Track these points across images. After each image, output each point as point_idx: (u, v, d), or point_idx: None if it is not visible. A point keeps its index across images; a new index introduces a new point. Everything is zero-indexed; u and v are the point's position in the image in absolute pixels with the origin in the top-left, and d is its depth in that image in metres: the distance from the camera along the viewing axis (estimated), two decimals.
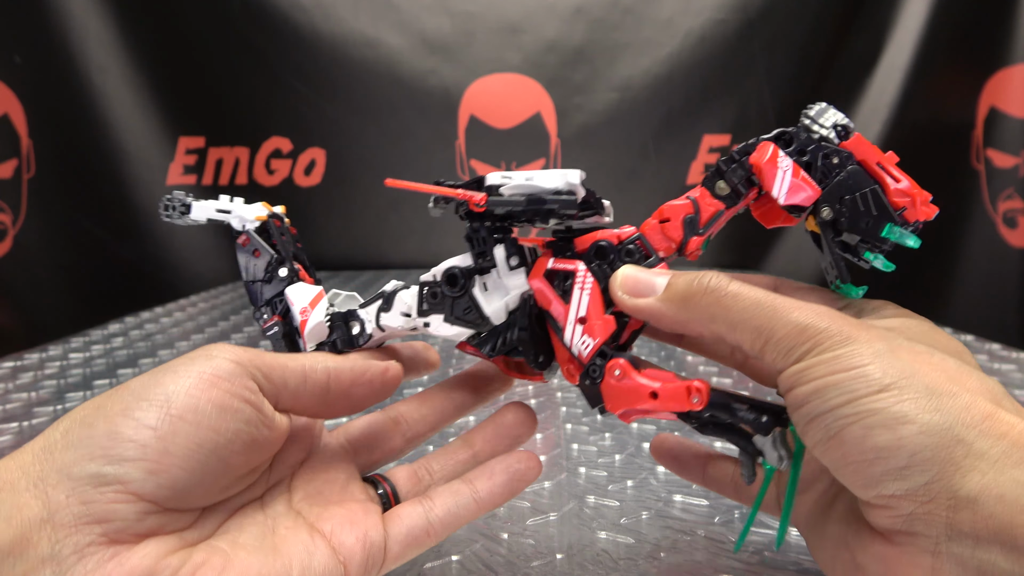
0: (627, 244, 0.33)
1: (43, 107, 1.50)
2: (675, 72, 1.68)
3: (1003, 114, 1.51)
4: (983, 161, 1.52)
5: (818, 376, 0.26)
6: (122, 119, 1.61)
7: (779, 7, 1.64)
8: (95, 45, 1.55)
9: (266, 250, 0.40)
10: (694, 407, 0.29)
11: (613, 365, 0.31)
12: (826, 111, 0.32)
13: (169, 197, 0.40)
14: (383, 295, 0.37)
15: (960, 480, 0.23)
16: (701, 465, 0.38)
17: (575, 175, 0.31)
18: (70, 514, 0.25)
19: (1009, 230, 1.51)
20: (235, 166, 1.73)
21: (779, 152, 0.31)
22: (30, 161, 1.48)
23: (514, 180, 0.32)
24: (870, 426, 0.24)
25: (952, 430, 0.24)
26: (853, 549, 0.28)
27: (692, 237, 0.32)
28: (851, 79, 1.66)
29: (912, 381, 0.25)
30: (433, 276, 0.35)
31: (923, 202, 0.30)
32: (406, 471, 0.36)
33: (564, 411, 0.64)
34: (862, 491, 0.25)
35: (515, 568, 0.38)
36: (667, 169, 1.73)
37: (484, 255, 0.34)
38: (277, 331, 0.39)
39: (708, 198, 0.32)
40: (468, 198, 0.32)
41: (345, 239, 1.75)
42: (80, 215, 1.57)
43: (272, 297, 0.40)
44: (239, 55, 1.66)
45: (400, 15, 1.66)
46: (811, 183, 0.31)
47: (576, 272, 0.32)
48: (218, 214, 0.41)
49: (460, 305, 0.34)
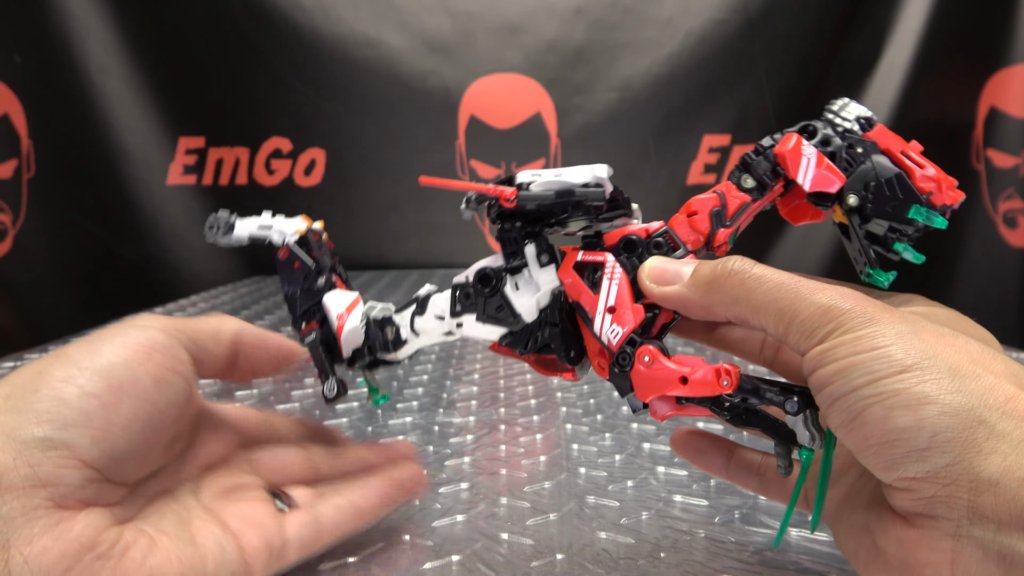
0: (655, 237, 0.33)
1: (43, 107, 1.50)
2: (675, 72, 1.68)
3: (1003, 114, 1.51)
4: (983, 161, 1.52)
5: (840, 357, 0.26)
6: (122, 119, 1.61)
7: (779, 7, 1.64)
8: (95, 45, 1.55)
9: (305, 262, 0.41)
10: (724, 390, 0.29)
11: (643, 352, 0.31)
12: (848, 104, 0.32)
13: (215, 216, 0.41)
14: (417, 299, 0.38)
15: (982, 462, 0.23)
16: (724, 457, 0.37)
17: (603, 169, 0.33)
18: (17, 476, 0.25)
19: (1009, 230, 1.51)
20: (235, 166, 1.73)
21: (803, 141, 0.31)
22: (30, 161, 1.49)
23: (543, 177, 0.33)
24: (891, 407, 0.24)
25: (974, 411, 0.23)
26: (874, 533, 0.27)
27: (720, 229, 0.33)
28: (851, 79, 1.66)
29: (935, 362, 0.25)
30: (466, 277, 0.36)
31: (949, 187, 0.30)
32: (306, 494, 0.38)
33: (564, 411, 0.64)
34: (884, 473, 0.25)
35: (515, 568, 0.38)
36: (667, 169, 1.73)
37: (515, 254, 0.35)
38: (315, 338, 0.40)
39: (734, 191, 0.33)
40: (499, 193, 0.33)
41: (345, 239, 1.75)
42: (80, 215, 1.57)
43: (310, 306, 0.40)
44: (239, 55, 1.66)
45: (400, 15, 1.66)
46: (836, 171, 0.31)
47: (605, 263, 0.33)
48: (260, 230, 0.42)
49: (492, 304, 0.35)
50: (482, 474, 0.51)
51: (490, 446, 0.56)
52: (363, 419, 0.63)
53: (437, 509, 0.45)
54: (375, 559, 0.39)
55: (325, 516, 0.36)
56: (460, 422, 0.62)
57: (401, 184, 1.73)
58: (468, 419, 0.63)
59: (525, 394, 0.69)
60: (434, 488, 0.48)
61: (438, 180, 0.33)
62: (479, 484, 0.49)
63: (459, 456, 0.54)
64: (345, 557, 0.39)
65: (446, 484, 0.49)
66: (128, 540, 0.28)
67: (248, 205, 1.72)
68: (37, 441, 0.26)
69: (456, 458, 0.54)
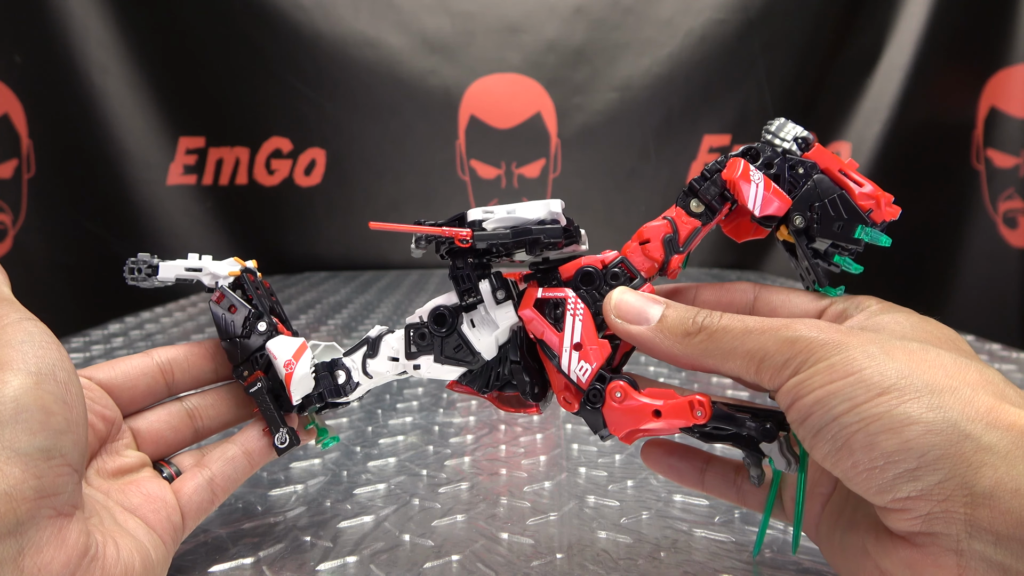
0: (611, 268, 0.33)
1: (43, 107, 1.50)
2: (675, 72, 1.68)
3: (1003, 114, 1.51)
4: (983, 161, 1.52)
5: (817, 386, 0.26)
6: (122, 119, 1.61)
7: (779, 7, 1.65)
8: (95, 45, 1.55)
9: (242, 305, 0.39)
10: (698, 421, 0.30)
11: (614, 388, 0.31)
12: (785, 125, 0.33)
13: (134, 260, 0.40)
14: (367, 341, 0.37)
15: (973, 476, 0.23)
16: (699, 470, 0.36)
17: (556, 204, 0.32)
18: (29, 488, 0.26)
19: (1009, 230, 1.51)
20: (235, 166, 1.73)
21: (750, 167, 0.32)
22: (30, 161, 1.48)
23: (496, 214, 0.33)
24: (875, 432, 0.24)
25: (958, 426, 0.23)
26: (876, 556, 0.27)
27: (673, 256, 0.33)
28: (851, 79, 1.66)
29: (911, 381, 0.25)
30: (419, 317, 0.35)
31: (887, 203, 0.31)
32: (193, 456, 0.38)
33: (564, 411, 0.64)
34: (877, 497, 0.25)
35: (515, 568, 0.38)
36: (667, 169, 1.73)
37: (470, 292, 0.35)
38: (260, 387, 0.38)
39: (684, 217, 0.33)
40: (454, 235, 0.33)
41: (345, 239, 1.75)
42: (80, 215, 1.57)
43: (252, 352, 0.38)
44: (239, 55, 1.65)
45: (400, 15, 1.66)
46: (782, 194, 0.32)
47: (567, 299, 0.33)
48: (187, 272, 0.40)
49: (450, 344, 0.35)
50: (482, 474, 0.51)
51: (490, 446, 0.56)
52: (363, 419, 0.63)
53: (437, 509, 0.45)
54: (375, 559, 0.39)
55: (217, 472, 0.37)
56: (460, 422, 0.62)
57: (401, 184, 1.73)
58: (468, 419, 0.63)
59: None
60: (434, 488, 0.48)
61: (389, 225, 0.33)
62: (479, 484, 0.49)
63: (459, 456, 0.54)
64: (345, 557, 0.39)
65: (446, 484, 0.49)
66: (99, 540, 0.29)
67: (248, 205, 1.72)
68: (37, 451, 0.26)
69: (456, 458, 0.54)
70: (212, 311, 0.39)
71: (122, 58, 1.59)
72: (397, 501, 0.46)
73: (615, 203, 1.74)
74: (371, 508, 0.45)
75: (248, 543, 0.41)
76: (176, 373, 0.39)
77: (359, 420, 0.62)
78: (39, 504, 0.26)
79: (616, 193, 1.73)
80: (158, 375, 0.38)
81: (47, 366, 0.28)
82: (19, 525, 0.26)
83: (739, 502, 0.36)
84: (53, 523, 0.27)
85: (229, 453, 0.37)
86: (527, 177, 1.73)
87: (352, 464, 0.53)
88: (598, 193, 1.74)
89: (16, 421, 0.26)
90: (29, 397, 0.27)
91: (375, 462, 0.53)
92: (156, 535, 0.33)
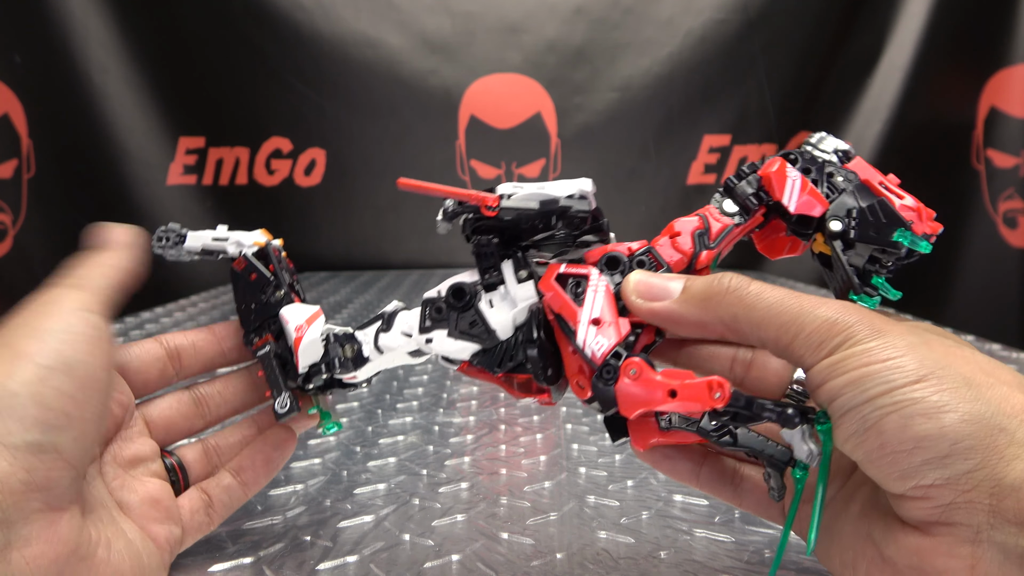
0: (638, 255, 0.33)
1: (43, 107, 1.50)
2: (675, 72, 1.68)
3: (1003, 114, 1.51)
4: (983, 161, 1.52)
5: (852, 368, 0.26)
6: (122, 119, 1.61)
7: (779, 7, 1.64)
8: (95, 45, 1.55)
9: (263, 273, 0.39)
10: (716, 404, 0.28)
11: (628, 364, 0.29)
12: (826, 138, 0.33)
13: (164, 229, 0.40)
14: (382, 316, 0.36)
15: (1004, 468, 0.23)
16: (695, 462, 0.35)
17: (587, 183, 0.32)
18: (17, 481, 0.26)
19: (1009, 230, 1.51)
20: (235, 166, 1.73)
21: (787, 164, 0.32)
22: (30, 161, 1.48)
23: (525, 189, 0.32)
24: (910, 415, 0.24)
25: (993, 419, 0.24)
26: (880, 544, 0.27)
27: (703, 251, 0.32)
28: (851, 79, 1.66)
29: (948, 371, 0.25)
30: (437, 292, 0.35)
31: (928, 217, 0.31)
32: (197, 450, 0.38)
33: (564, 411, 0.64)
34: (897, 483, 0.25)
35: (515, 568, 0.38)
36: (667, 169, 1.73)
37: (491, 270, 0.34)
38: (268, 351, 0.37)
39: (717, 214, 0.33)
40: (481, 200, 0.32)
41: (345, 239, 1.75)
42: (80, 215, 1.57)
43: (265, 320, 0.38)
44: (239, 55, 1.65)
45: (400, 15, 1.66)
46: (818, 195, 0.31)
47: (589, 276, 0.32)
48: (214, 243, 0.40)
49: (465, 319, 0.34)
50: (482, 474, 0.51)
51: (490, 446, 0.56)
52: (363, 419, 0.63)
53: (437, 509, 0.45)
54: (375, 559, 0.39)
55: (216, 500, 0.37)
56: (460, 422, 0.62)
57: None
58: (468, 419, 0.63)
59: None
60: (434, 488, 0.48)
61: (418, 184, 0.32)
62: (479, 484, 0.49)
63: (459, 456, 0.54)
64: (345, 556, 0.39)
65: (446, 484, 0.49)
66: (93, 538, 0.29)
67: (248, 205, 1.72)
68: (28, 446, 0.26)
69: (456, 458, 0.54)
70: (232, 274, 0.39)
71: (122, 58, 1.59)
72: (397, 501, 0.46)
73: (615, 203, 1.73)
74: (371, 508, 0.45)
75: (248, 542, 0.41)
76: (184, 359, 0.39)
77: (359, 420, 0.62)
78: (27, 497, 0.26)
79: (616, 193, 1.73)
80: (167, 361, 0.38)
81: (64, 361, 0.28)
82: (5, 516, 0.26)
83: (735, 502, 0.35)
84: (44, 517, 0.27)
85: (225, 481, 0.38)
86: (527, 177, 1.73)
87: (352, 464, 0.53)
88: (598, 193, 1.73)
89: (10, 414, 0.26)
90: (28, 391, 0.27)
91: (375, 462, 0.53)
92: (152, 543, 0.33)
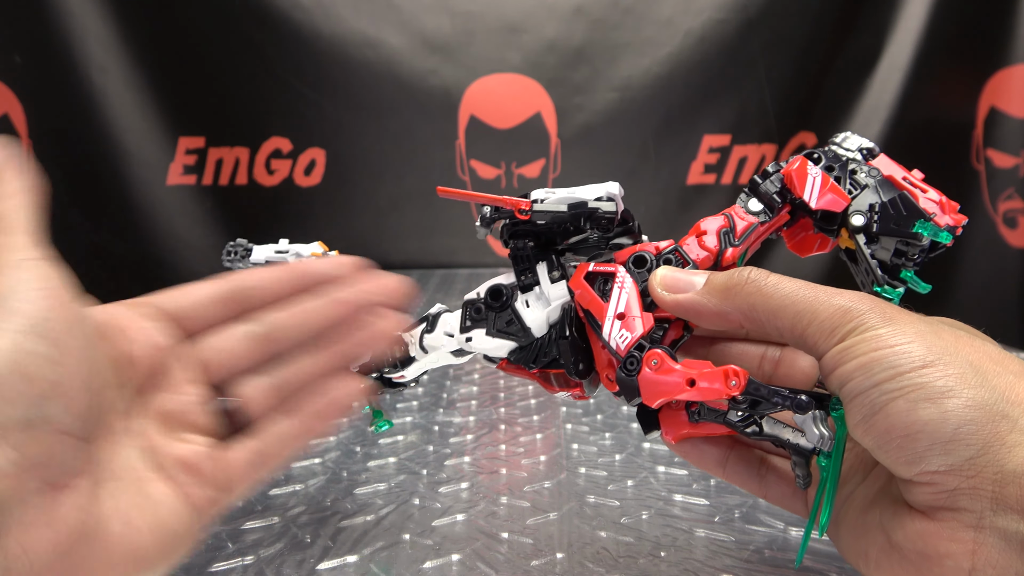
0: (665, 254, 0.34)
1: (43, 107, 1.50)
2: (675, 72, 1.68)
3: (1003, 114, 1.51)
4: (983, 161, 1.52)
5: (861, 353, 0.26)
6: (122, 119, 1.60)
7: (779, 7, 1.64)
8: (95, 45, 1.55)
9: None
10: (732, 391, 0.29)
11: (650, 356, 0.31)
12: (849, 136, 0.34)
13: (232, 244, 0.45)
14: (427, 318, 0.39)
15: (1006, 455, 0.24)
16: (723, 451, 0.35)
17: (614, 186, 0.34)
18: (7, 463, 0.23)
19: (1009, 230, 1.51)
20: (235, 166, 1.73)
21: (808, 162, 0.33)
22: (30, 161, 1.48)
23: (558, 194, 0.34)
24: (915, 400, 0.25)
25: (997, 406, 0.24)
26: (888, 530, 0.28)
27: (729, 248, 0.34)
28: (851, 79, 1.66)
29: (955, 358, 0.25)
30: (477, 294, 0.37)
31: (952, 210, 0.32)
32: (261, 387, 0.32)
33: (564, 411, 0.64)
34: (905, 468, 0.26)
35: (515, 567, 0.38)
36: (667, 169, 1.73)
37: (527, 272, 0.36)
38: None
39: (742, 213, 0.34)
40: (514, 204, 0.34)
41: (345, 239, 1.75)
42: (80, 215, 1.57)
43: None
44: (239, 55, 1.65)
45: (400, 15, 1.66)
46: (840, 192, 0.32)
47: (616, 274, 0.34)
48: (276, 255, 0.45)
49: (502, 318, 0.36)
50: (482, 473, 0.51)
51: (490, 446, 0.56)
52: (363, 418, 0.63)
53: (437, 508, 0.45)
54: (375, 558, 0.39)
55: (270, 448, 0.31)
56: (460, 422, 0.62)
57: (401, 184, 1.73)
58: (468, 419, 0.63)
59: (525, 394, 0.69)
60: (434, 487, 0.48)
61: (457, 191, 0.34)
62: (479, 483, 0.49)
63: (459, 456, 0.54)
64: (345, 556, 0.39)
65: (446, 483, 0.49)
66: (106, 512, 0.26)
67: (248, 205, 1.72)
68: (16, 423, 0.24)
69: (456, 458, 0.54)
70: None
71: (122, 58, 1.59)
72: (397, 500, 0.46)
73: None
74: (371, 507, 0.45)
75: (248, 542, 0.41)
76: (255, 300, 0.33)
77: (359, 420, 0.62)
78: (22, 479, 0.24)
79: None
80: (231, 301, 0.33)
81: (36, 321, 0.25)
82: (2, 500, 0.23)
83: (760, 493, 0.35)
84: (43, 497, 0.24)
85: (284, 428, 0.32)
86: (527, 177, 1.73)
87: (352, 463, 0.53)
88: None
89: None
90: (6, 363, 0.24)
91: (375, 461, 0.53)
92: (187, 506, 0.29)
